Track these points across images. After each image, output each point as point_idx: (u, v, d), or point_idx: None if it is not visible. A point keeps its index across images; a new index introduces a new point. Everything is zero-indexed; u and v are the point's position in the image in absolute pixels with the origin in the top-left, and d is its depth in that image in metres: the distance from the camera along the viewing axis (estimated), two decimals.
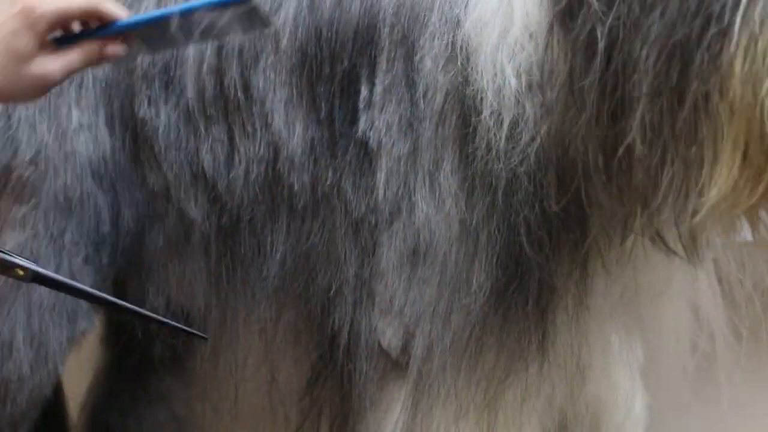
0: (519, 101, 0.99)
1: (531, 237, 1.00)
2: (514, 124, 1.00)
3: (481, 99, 1.02)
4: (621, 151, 0.90)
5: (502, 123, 1.00)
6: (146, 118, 1.23)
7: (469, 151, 1.05)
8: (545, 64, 0.96)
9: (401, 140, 1.11)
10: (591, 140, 0.92)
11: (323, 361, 1.21)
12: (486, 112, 1.01)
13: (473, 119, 1.04)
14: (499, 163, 1.00)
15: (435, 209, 1.08)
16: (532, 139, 0.98)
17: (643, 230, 0.96)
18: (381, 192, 1.13)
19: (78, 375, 1.51)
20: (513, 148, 0.99)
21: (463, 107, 1.05)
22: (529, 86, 0.99)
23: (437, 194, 1.08)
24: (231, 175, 1.21)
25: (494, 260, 1.02)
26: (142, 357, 1.50)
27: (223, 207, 1.23)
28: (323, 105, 1.16)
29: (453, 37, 1.07)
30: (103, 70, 1.25)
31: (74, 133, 1.24)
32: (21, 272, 1.08)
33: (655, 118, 0.88)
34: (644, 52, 0.86)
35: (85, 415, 1.52)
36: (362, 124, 1.15)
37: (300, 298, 1.21)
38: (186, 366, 1.53)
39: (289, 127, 1.17)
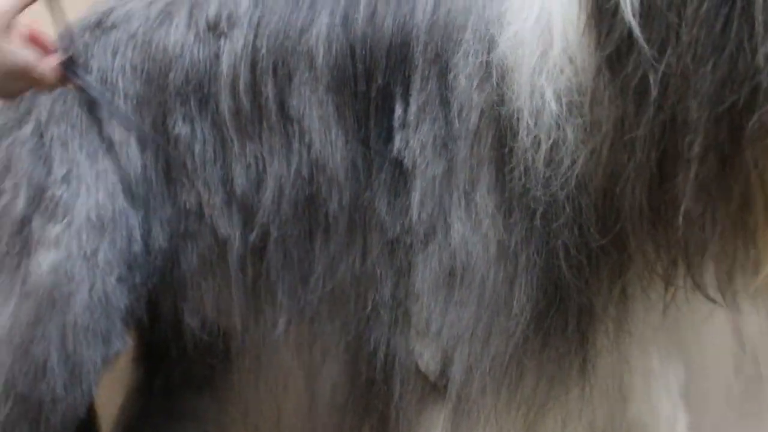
0: (559, 125, 0.97)
1: (570, 261, 0.99)
2: (553, 148, 0.98)
3: (518, 119, 1.01)
4: (668, 201, 0.89)
5: (540, 146, 0.98)
6: (181, 135, 1.23)
7: (506, 171, 1.03)
8: (594, 101, 0.93)
9: (436, 160, 1.10)
10: (638, 184, 0.90)
11: (361, 382, 1.19)
12: (523, 133, 0.99)
13: (509, 139, 1.03)
14: (538, 186, 0.99)
15: (471, 230, 1.07)
16: (573, 163, 0.97)
17: (683, 280, 0.94)
18: (415, 213, 1.12)
19: (110, 393, 1.50)
20: (552, 172, 0.98)
21: (499, 127, 1.04)
22: (570, 110, 0.97)
23: (473, 215, 1.07)
24: (266, 194, 1.21)
25: (533, 283, 1.01)
26: (174, 376, 1.49)
27: (259, 226, 1.22)
28: (360, 123, 1.16)
29: (487, 55, 1.05)
30: (134, 87, 1.25)
31: (106, 152, 1.23)
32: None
33: (705, 176, 0.86)
34: (696, 110, 0.85)
35: (118, 431, 1.52)
36: (397, 143, 1.14)
37: (336, 318, 1.20)
38: (218, 385, 1.51)
39: (329, 146, 1.17)
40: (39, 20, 1.15)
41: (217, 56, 1.22)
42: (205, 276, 1.28)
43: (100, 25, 1.32)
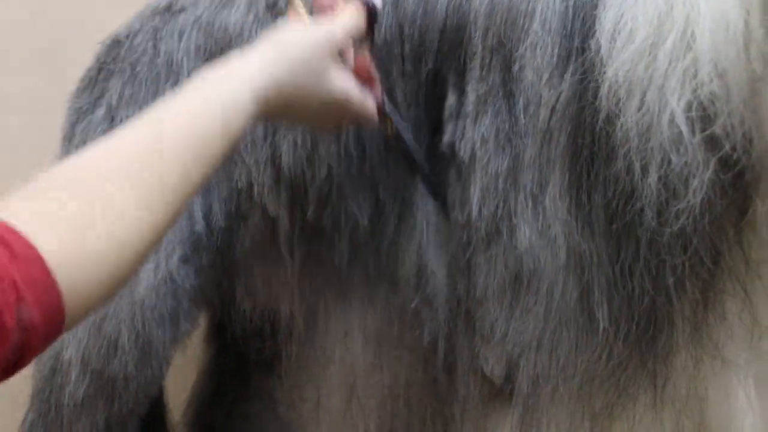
0: (688, 149, 0.85)
1: (657, 284, 0.88)
2: (676, 175, 0.85)
3: (622, 138, 0.88)
4: None
5: (652, 168, 0.86)
6: None
7: (583, 176, 0.92)
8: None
9: (499, 155, 1.01)
10: None
11: (418, 379, 1.14)
12: (628, 156, 0.87)
13: (593, 146, 0.91)
14: (642, 215, 0.87)
15: (539, 234, 0.97)
16: (698, 189, 0.85)
17: None
18: (475, 209, 1.02)
19: (184, 373, 1.49)
20: (667, 200, 0.85)
21: (577, 128, 0.93)
22: (707, 136, 0.84)
23: (541, 218, 0.96)
24: (311, 174, 1.15)
25: (610, 298, 0.91)
26: (242, 356, 1.48)
27: (305, 207, 1.17)
28: (408, 104, 1.08)
29: (560, 48, 0.95)
30: (197, 67, 1.21)
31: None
32: (389, 129, 1.04)
33: None
34: None
35: (190, 412, 1.52)
36: (448, 133, 1.05)
37: (382, 306, 1.14)
38: (287, 366, 1.51)
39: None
40: None
41: None
42: (256, 258, 1.24)
43: (169, 9, 1.28)
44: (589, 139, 0.91)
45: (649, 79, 0.86)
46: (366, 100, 1.00)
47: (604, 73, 0.89)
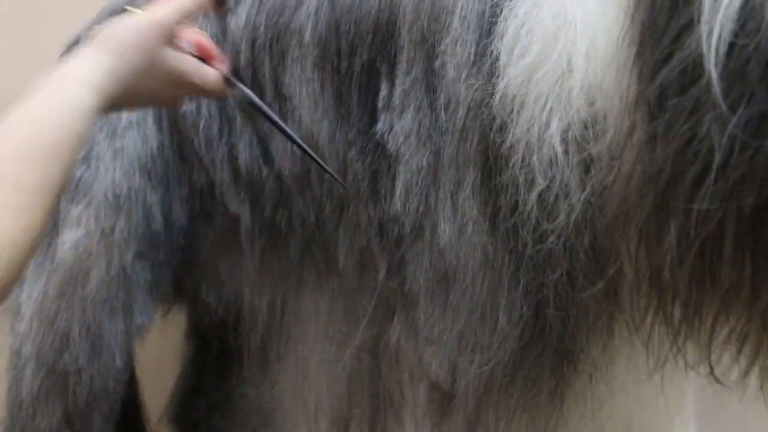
0: (561, 166, 0.85)
1: (553, 295, 0.87)
2: (553, 193, 0.85)
3: (512, 149, 0.88)
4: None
5: (533, 183, 0.86)
6: (187, 113, 1.20)
7: (492, 178, 0.91)
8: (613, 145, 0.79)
9: (420, 151, 1.00)
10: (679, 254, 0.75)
11: (360, 370, 1.13)
12: (516, 167, 0.87)
13: (496, 147, 0.91)
14: (528, 230, 0.87)
15: (458, 232, 0.95)
16: (572, 210, 0.84)
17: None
18: (399, 204, 1.01)
19: (168, 367, 1.53)
20: (546, 218, 0.86)
21: (485, 129, 0.91)
22: (583, 158, 0.84)
23: (459, 216, 0.95)
24: (266, 172, 1.17)
25: (516, 298, 0.90)
26: (223, 349, 1.50)
27: (263, 203, 1.18)
28: (342, 100, 1.08)
29: (477, 47, 0.92)
30: None
31: (123, 130, 1.24)
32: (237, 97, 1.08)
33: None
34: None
35: (172, 407, 1.54)
36: (380, 125, 1.04)
37: (331, 299, 1.14)
38: (268, 358, 1.44)
39: (316, 124, 1.09)
40: None
41: (224, 33, 1.18)
42: (219, 254, 1.26)
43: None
44: (492, 143, 0.90)
45: (537, 96, 0.86)
46: (205, 72, 1.04)
47: (500, 81, 0.88)
